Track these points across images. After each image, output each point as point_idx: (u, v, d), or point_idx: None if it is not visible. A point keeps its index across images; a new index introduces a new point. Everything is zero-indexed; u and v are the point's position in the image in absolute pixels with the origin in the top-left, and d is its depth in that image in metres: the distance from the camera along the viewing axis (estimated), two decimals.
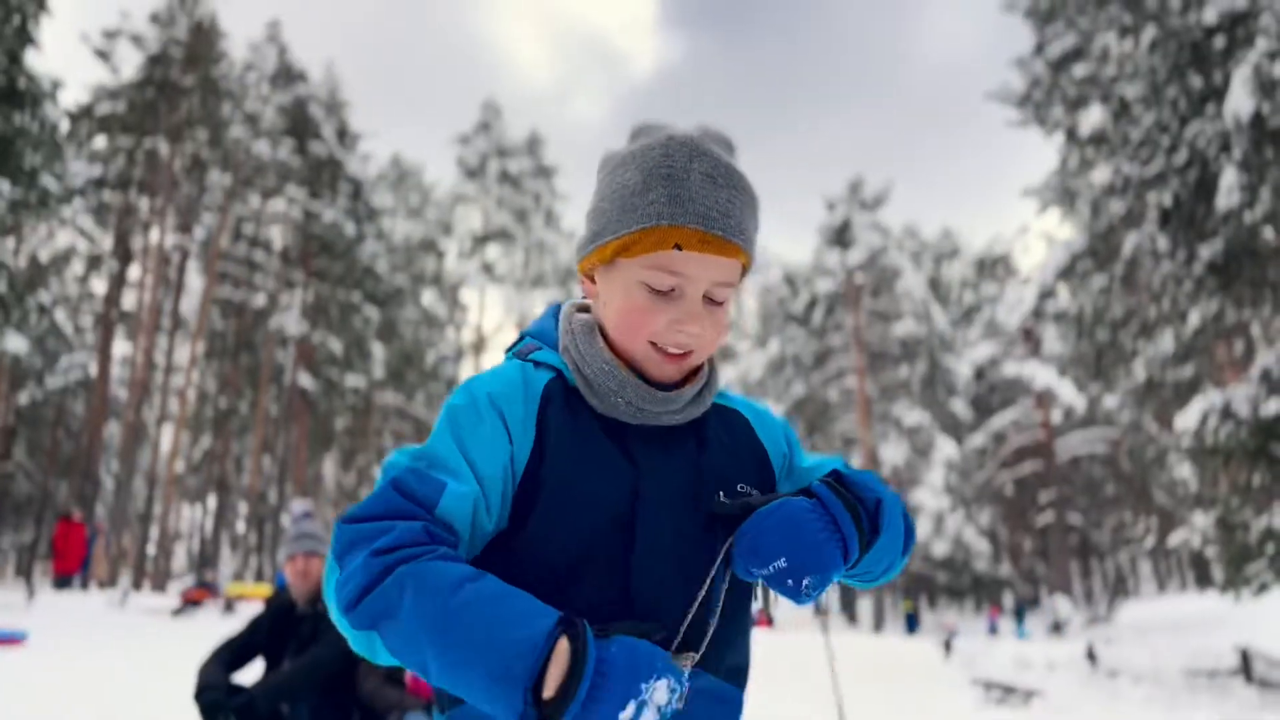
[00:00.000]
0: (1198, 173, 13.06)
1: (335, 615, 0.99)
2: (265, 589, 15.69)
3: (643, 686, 0.87)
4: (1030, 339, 38.00)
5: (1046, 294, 21.04)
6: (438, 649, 0.91)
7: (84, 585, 20.15)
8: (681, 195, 1.07)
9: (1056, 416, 38.35)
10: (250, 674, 4.61)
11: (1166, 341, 16.52)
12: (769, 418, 1.29)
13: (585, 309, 1.23)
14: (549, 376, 1.15)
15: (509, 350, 1.24)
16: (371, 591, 0.94)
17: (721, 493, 1.13)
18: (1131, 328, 20.65)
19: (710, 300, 1.12)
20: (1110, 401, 32.97)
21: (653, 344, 1.11)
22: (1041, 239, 30.80)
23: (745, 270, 1.16)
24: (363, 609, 0.95)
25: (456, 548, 1.02)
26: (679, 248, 1.07)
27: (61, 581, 19.67)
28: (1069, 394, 35.16)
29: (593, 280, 1.18)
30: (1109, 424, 36.49)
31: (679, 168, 1.09)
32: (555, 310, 1.26)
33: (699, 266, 1.09)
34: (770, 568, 1.03)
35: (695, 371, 1.18)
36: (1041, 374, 36.01)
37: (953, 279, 49.63)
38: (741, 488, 1.16)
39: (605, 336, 1.16)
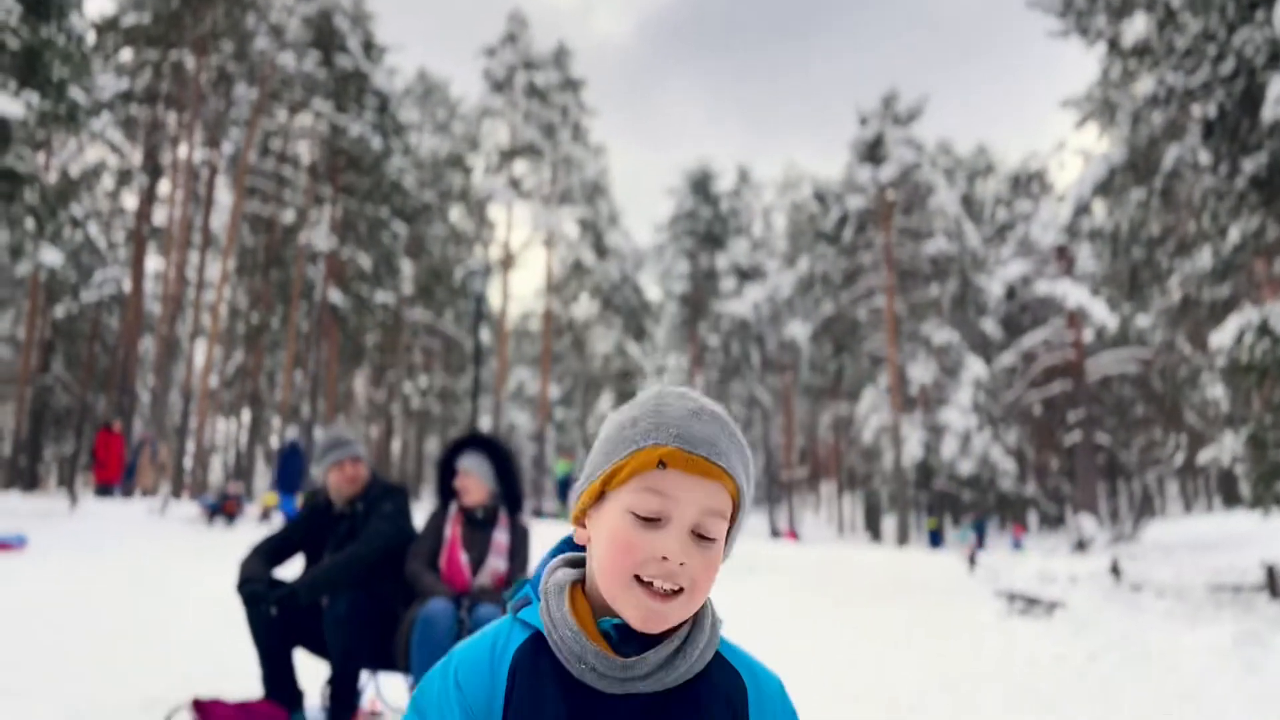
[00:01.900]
0: (1244, 83, 12.66)
1: None
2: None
3: None
4: (1064, 257, 37.45)
5: (1082, 208, 20.65)
6: None
7: (126, 494, 20.66)
8: (667, 422, 1.09)
9: (1088, 336, 38.00)
10: (290, 570, 4.74)
11: (1204, 258, 16.22)
12: (771, 691, 1.17)
13: (577, 562, 1.18)
14: (522, 640, 1.12)
15: (511, 599, 1.20)
16: None
17: None
18: (1168, 245, 20.29)
19: (700, 535, 1.08)
20: (1143, 321, 32.61)
21: (638, 579, 1.06)
22: (1078, 155, 30.09)
23: (735, 510, 1.12)
24: None
25: None
26: (663, 465, 1.07)
27: (103, 490, 20.20)
28: (1101, 313, 34.77)
29: (584, 526, 1.15)
30: (1141, 344, 36.13)
31: (668, 404, 1.12)
32: (558, 550, 1.22)
33: (685, 487, 1.07)
34: None
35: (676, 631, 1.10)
36: (1074, 293, 35.59)
37: (986, 196, 48.78)
38: None
39: (587, 593, 1.13)
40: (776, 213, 60.63)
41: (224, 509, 16.09)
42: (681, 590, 1.06)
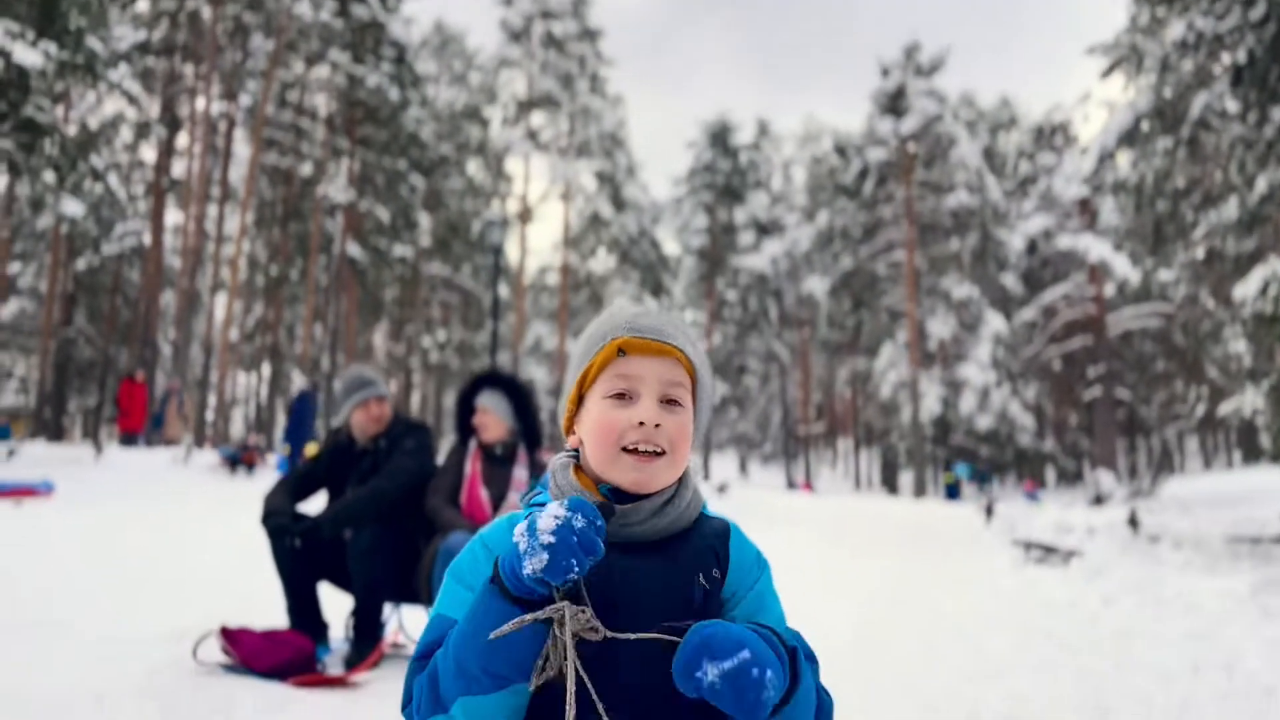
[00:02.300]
0: (1275, 28, 12.39)
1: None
2: (314, 448, 16.18)
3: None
4: (1086, 211, 37.04)
5: (1107, 156, 20.32)
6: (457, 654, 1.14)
7: (150, 443, 20.91)
8: (619, 321, 1.31)
9: (1109, 291, 37.67)
10: (314, 506, 4.81)
11: (1230, 210, 15.98)
12: (748, 543, 1.33)
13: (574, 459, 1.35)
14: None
15: (526, 502, 1.36)
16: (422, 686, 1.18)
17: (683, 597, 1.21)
18: (1194, 197, 19.99)
19: (668, 402, 1.27)
20: (1165, 275, 32.26)
21: (624, 449, 1.24)
22: (1103, 107, 29.59)
23: (693, 382, 1.31)
24: (425, 703, 1.17)
25: None
26: (623, 352, 1.27)
27: (127, 439, 20.45)
28: (1123, 267, 34.41)
29: (574, 432, 1.34)
30: (1163, 299, 35.77)
31: (617, 310, 1.35)
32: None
33: (645, 366, 1.27)
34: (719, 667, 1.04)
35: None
36: (1096, 247, 35.22)
37: (1009, 149, 48.13)
38: (700, 580, 1.23)
39: (586, 471, 1.30)
40: (796, 166, 60.11)
41: (244, 460, 16.30)
42: (663, 452, 1.25)
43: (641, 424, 1.24)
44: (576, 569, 1.06)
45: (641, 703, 1.15)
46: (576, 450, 1.34)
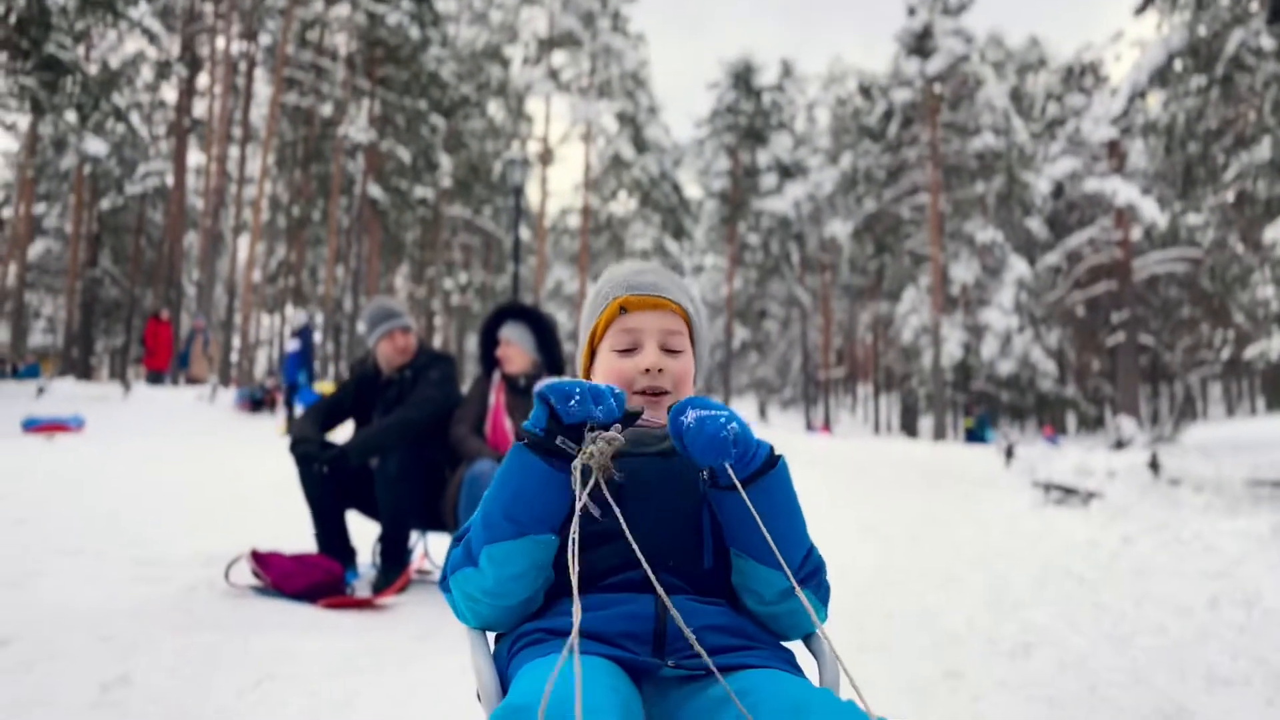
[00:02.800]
0: None
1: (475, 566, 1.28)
2: (328, 387, 16.31)
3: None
4: (1115, 154, 36.41)
5: (1138, 95, 19.93)
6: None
7: (176, 382, 21.15)
8: (619, 281, 1.48)
9: (1136, 235, 37.15)
10: (341, 436, 4.88)
11: (1263, 151, 15.73)
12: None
13: None
14: None
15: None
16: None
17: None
18: (1225, 139, 19.64)
19: (668, 350, 1.45)
20: (1194, 219, 31.78)
21: (635, 393, 1.42)
22: (1135, 46, 28.91)
23: (691, 331, 1.48)
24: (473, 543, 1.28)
25: None
26: (624, 309, 1.45)
27: (154, 378, 20.69)
28: (1151, 211, 33.89)
29: (590, 378, 1.50)
30: (1191, 243, 35.27)
31: (617, 271, 1.52)
32: None
33: (644, 319, 1.44)
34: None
35: None
36: (1124, 190, 34.67)
37: (1037, 91, 47.23)
38: (704, 474, 1.33)
39: None
40: (820, 108, 59.18)
41: (266, 400, 16.52)
42: (668, 391, 1.43)
43: (647, 370, 1.42)
44: (614, 403, 1.22)
45: (652, 527, 1.28)
46: None
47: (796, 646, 1.41)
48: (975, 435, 32.88)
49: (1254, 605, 5.14)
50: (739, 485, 1.22)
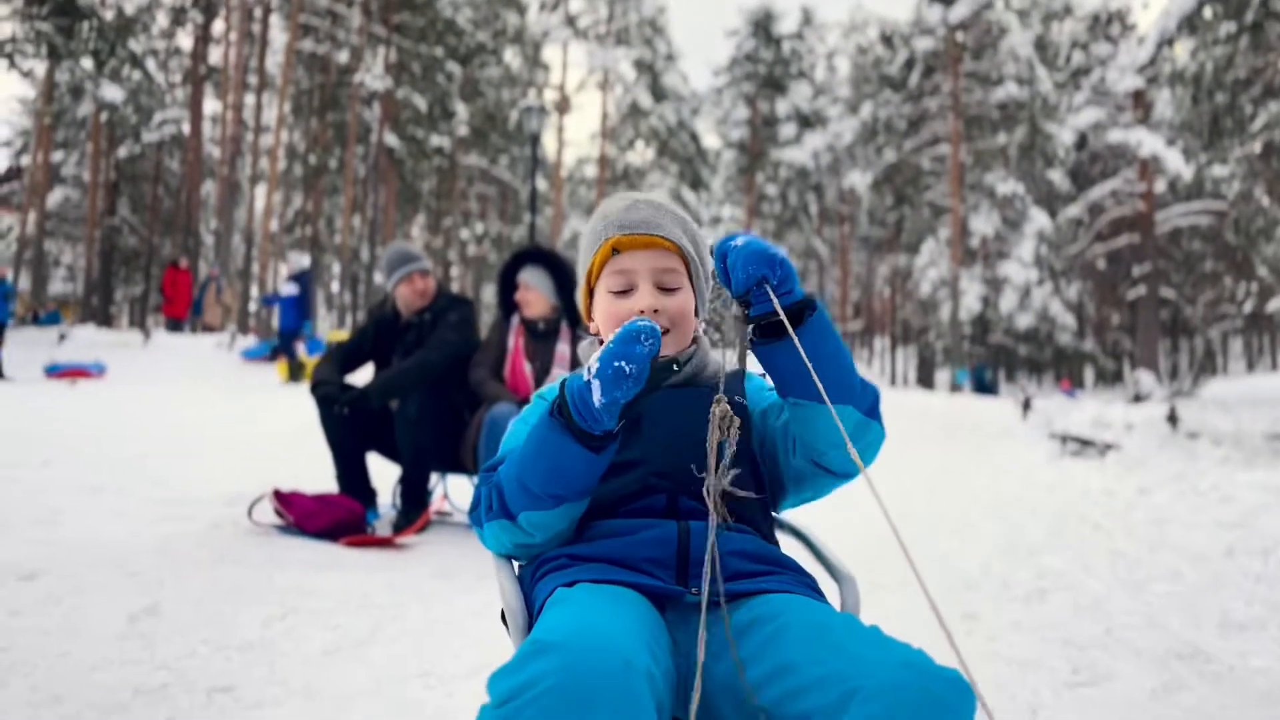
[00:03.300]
0: None
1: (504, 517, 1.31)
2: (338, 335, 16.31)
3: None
4: (1140, 104, 35.79)
5: (1166, 42, 19.55)
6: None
7: (193, 330, 21.29)
8: (610, 219, 1.43)
9: (1159, 187, 36.63)
10: (361, 378, 4.91)
11: None
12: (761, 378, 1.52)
13: None
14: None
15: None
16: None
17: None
18: (1254, 90, 19.28)
19: (664, 288, 1.41)
20: (1219, 171, 31.32)
21: None
22: None
23: (688, 267, 1.44)
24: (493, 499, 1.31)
25: None
26: (616, 250, 1.40)
27: (173, 325, 20.84)
28: (1176, 162, 33.36)
29: (592, 319, 1.48)
30: (1215, 195, 34.79)
31: (608, 206, 1.46)
32: None
33: (637, 259, 1.40)
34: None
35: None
36: (1149, 141, 34.11)
37: (1062, 39, 46.34)
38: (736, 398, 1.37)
39: None
40: (840, 56, 58.27)
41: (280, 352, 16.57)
42: (667, 330, 1.40)
43: (642, 312, 1.38)
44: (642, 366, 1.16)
45: (674, 455, 1.32)
46: (599, 334, 1.48)
47: (819, 574, 1.42)
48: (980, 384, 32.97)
49: (1271, 554, 5.14)
50: (779, 308, 1.19)
